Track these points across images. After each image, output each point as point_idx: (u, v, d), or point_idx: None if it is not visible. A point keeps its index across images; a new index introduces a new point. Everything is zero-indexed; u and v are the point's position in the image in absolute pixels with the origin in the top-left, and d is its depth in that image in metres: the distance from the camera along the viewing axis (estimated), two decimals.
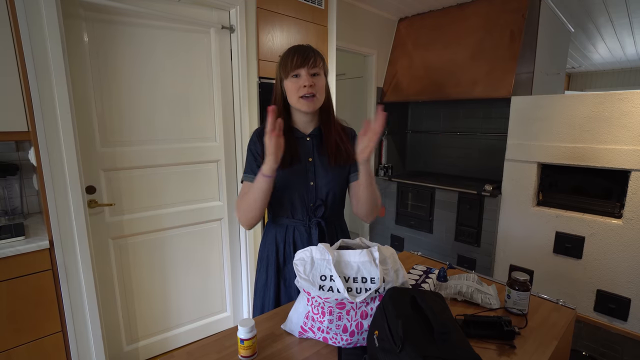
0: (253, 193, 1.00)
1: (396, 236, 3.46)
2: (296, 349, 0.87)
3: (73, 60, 1.52)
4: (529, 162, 2.56)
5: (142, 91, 1.73)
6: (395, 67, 3.43)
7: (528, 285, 1.00)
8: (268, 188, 0.98)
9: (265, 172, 0.96)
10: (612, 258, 2.27)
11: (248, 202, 1.02)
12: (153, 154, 1.79)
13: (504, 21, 2.77)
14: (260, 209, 1.02)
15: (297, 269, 0.85)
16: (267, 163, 0.94)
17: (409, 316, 0.70)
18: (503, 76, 2.67)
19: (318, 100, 1.05)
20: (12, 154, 1.67)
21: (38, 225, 1.57)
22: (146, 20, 1.69)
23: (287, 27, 2.10)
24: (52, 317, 1.44)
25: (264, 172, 0.96)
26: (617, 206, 2.29)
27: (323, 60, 1.07)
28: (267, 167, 0.95)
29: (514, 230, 2.68)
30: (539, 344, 0.88)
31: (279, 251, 1.13)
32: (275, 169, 0.96)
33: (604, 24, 3.84)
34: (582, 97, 2.31)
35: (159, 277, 1.90)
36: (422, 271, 1.19)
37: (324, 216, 1.12)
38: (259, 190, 0.98)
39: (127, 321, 1.83)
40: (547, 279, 2.56)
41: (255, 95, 2.05)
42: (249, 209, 1.02)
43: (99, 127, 1.63)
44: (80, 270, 1.51)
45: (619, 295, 2.27)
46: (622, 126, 2.17)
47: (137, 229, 1.79)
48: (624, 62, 5.89)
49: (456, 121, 3.45)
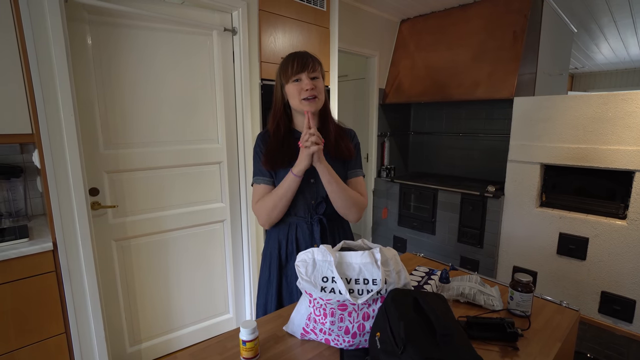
0: (282, 191, 1.08)
1: (399, 237, 3.46)
2: (298, 350, 0.87)
3: (77, 63, 1.53)
4: (532, 163, 2.55)
5: (145, 93, 1.73)
6: (398, 68, 3.43)
7: (531, 286, 1.00)
8: (297, 186, 1.08)
9: (297, 172, 1.05)
10: (616, 259, 2.26)
11: (274, 202, 1.10)
12: (156, 155, 1.80)
13: (507, 22, 2.77)
14: (286, 206, 1.11)
15: (299, 271, 0.85)
16: (299, 164, 1.05)
17: (411, 318, 0.70)
18: (505, 77, 2.67)
19: (319, 101, 1.10)
20: (16, 156, 1.69)
21: (42, 227, 1.58)
22: (149, 23, 1.70)
23: (289, 29, 2.11)
24: (55, 318, 1.44)
25: (296, 172, 1.05)
26: (621, 207, 2.27)
27: (320, 65, 1.13)
28: (297, 168, 1.05)
29: (517, 231, 2.67)
30: (543, 346, 0.87)
31: (281, 248, 1.17)
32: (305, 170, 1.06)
33: (607, 24, 3.82)
34: (586, 97, 2.30)
35: (161, 278, 1.91)
36: (425, 272, 1.19)
37: (325, 213, 1.16)
38: (289, 189, 1.07)
39: (130, 323, 1.84)
40: (550, 281, 2.55)
41: (258, 97, 2.05)
42: (275, 207, 1.10)
43: (102, 129, 1.64)
44: (84, 272, 1.52)
45: (623, 297, 2.25)
46: (626, 127, 2.15)
47: (140, 230, 1.80)
48: (627, 62, 5.86)
49: (459, 122, 3.44)
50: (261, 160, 1.13)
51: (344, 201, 1.11)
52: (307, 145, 1.01)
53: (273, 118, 1.16)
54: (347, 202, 1.11)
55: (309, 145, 1.01)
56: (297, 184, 1.07)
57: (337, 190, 1.09)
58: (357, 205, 1.14)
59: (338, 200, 1.11)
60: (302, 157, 1.04)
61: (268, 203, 1.11)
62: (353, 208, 1.13)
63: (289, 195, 1.08)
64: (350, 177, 1.18)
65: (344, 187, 1.10)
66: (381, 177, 3.52)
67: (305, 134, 1.01)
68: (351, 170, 1.18)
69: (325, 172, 1.06)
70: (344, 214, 1.15)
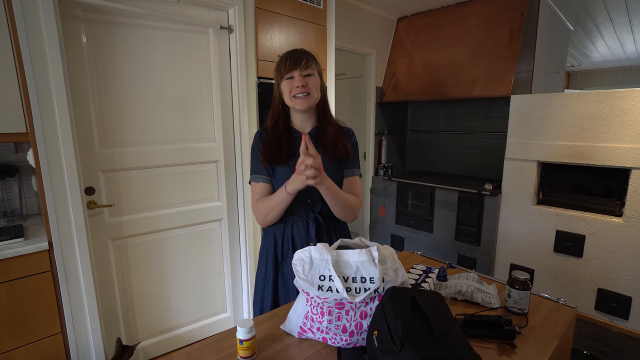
0: (274, 203, 1.09)
1: (396, 236, 3.46)
2: (296, 349, 0.86)
3: (71, 61, 1.52)
4: (529, 161, 2.56)
5: (141, 92, 1.72)
6: (395, 66, 3.43)
7: (528, 284, 1.00)
8: (289, 202, 1.08)
9: (290, 191, 1.04)
10: (613, 256, 2.27)
11: (268, 209, 1.11)
12: (152, 154, 1.79)
13: (504, 20, 2.77)
14: (279, 215, 1.12)
15: (296, 269, 0.85)
16: (293, 184, 1.02)
17: (408, 316, 0.70)
18: (502, 75, 2.67)
19: (313, 98, 1.10)
20: (11, 155, 1.67)
21: (37, 226, 1.57)
22: (144, 21, 1.68)
23: (285, 27, 2.10)
24: (51, 318, 1.44)
25: (288, 189, 1.04)
26: (618, 204, 2.28)
27: (316, 61, 1.12)
28: (291, 187, 1.03)
29: (514, 229, 2.67)
30: (540, 343, 0.88)
31: (277, 246, 1.18)
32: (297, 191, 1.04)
33: (604, 22, 3.84)
34: (582, 95, 2.31)
35: (158, 278, 1.90)
36: (422, 271, 1.19)
37: (321, 212, 1.16)
38: (281, 203, 1.08)
39: (127, 322, 1.83)
40: (547, 278, 2.56)
41: (254, 95, 2.05)
42: (269, 214, 1.11)
43: (97, 128, 1.63)
44: (80, 271, 1.51)
45: (620, 294, 2.26)
46: (622, 124, 2.16)
47: (136, 229, 1.79)
48: (623, 60, 5.88)
49: (456, 120, 3.45)
50: (259, 158, 1.13)
51: (342, 209, 1.12)
52: (302, 173, 0.96)
53: (272, 116, 1.16)
54: (345, 209, 1.13)
55: (305, 174, 0.96)
56: (289, 200, 1.07)
57: (337, 203, 1.10)
58: (354, 210, 1.16)
59: (337, 209, 1.12)
60: (297, 180, 1.00)
61: (262, 208, 1.12)
62: (350, 214, 1.15)
63: (281, 207, 1.09)
64: (346, 176, 1.18)
65: (343, 198, 1.11)
66: (378, 176, 3.52)
67: (301, 160, 0.95)
68: (348, 170, 1.18)
69: (327, 192, 1.05)
70: (341, 218, 1.17)
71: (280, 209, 1.10)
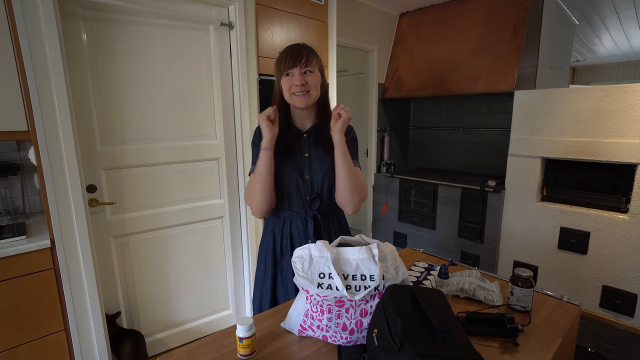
0: (258, 170, 1.07)
1: (399, 233, 3.45)
2: (296, 347, 0.86)
3: (72, 59, 1.52)
4: (533, 157, 2.54)
5: (142, 89, 1.72)
6: (397, 62, 3.40)
7: (531, 281, 0.99)
8: (270, 162, 1.06)
9: (265, 145, 1.05)
10: (618, 253, 2.24)
11: (254, 184, 1.09)
12: (153, 152, 1.79)
13: (507, 15, 2.73)
14: (266, 190, 1.07)
15: (296, 267, 0.85)
16: (264, 136, 1.05)
17: (408, 314, 0.69)
18: (506, 70, 2.64)
19: (312, 96, 1.08)
20: (13, 153, 1.68)
21: (40, 224, 1.57)
22: (145, 18, 1.68)
23: (286, 24, 2.08)
24: (54, 315, 1.44)
25: (263, 145, 1.06)
26: (623, 201, 2.25)
27: (317, 57, 1.10)
28: (265, 141, 1.05)
29: (517, 226, 2.65)
30: (543, 341, 0.87)
31: (276, 243, 1.17)
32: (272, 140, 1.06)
33: (609, 16, 3.78)
34: (587, 90, 2.28)
35: (160, 275, 1.91)
36: (424, 268, 1.18)
37: (320, 209, 1.15)
38: (262, 166, 1.06)
39: (130, 320, 1.84)
40: (551, 275, 2.54)
41: (255, 92, 2.04)
42: (255, 190, 1.08)
43: (98, 125, 1.63)
44: (82, 269, 1.51)
45: (625, 291, 2.24)
46: (628, 119, 2.13)
47: (138, 227, 1.79)
48: (629, 54, 5.80)
49: (459, 116, 3.42)
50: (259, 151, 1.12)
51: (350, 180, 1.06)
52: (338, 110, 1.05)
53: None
54: (352, 182, 1.06)
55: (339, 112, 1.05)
56: (269, 158, 1.05)
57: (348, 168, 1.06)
58: (360, 191, 1.09)
59: (345, 178, 1.06)
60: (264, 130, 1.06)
61: (252, 189, 1.10)
62: (356, 193, 1.08)
63: (266, 172, 1.06)
64: None
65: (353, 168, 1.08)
66: (381, 173, 3.51)
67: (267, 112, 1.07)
68: None
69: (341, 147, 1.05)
70: (346, 200, 1.09)
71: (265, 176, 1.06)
